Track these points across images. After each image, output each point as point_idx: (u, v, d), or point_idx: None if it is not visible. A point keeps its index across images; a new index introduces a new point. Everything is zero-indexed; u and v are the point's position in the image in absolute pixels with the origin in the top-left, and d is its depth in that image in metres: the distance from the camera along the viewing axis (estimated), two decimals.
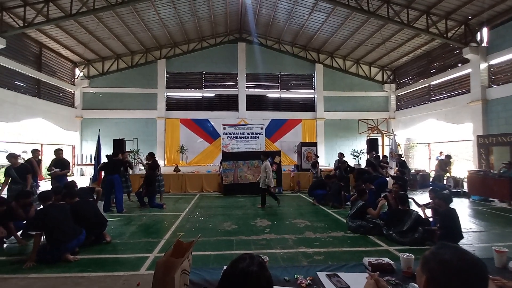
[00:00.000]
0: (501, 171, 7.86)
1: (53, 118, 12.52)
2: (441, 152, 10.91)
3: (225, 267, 1.80)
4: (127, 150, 10.70)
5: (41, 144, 11.49)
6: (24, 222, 4.54)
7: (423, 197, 7.40)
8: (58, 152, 6.68)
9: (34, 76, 11.71)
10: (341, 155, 9.49)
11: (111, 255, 3.84)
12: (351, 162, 12.44)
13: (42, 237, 3.61)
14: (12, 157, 5.38)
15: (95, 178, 8.50)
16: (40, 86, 12.10)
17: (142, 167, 9.04)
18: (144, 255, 3.79)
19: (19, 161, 5.63)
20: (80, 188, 5.33)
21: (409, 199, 4.91)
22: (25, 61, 11.23)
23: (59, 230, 3.56)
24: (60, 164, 6.48)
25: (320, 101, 15.52)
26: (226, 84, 15.63)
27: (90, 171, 13.27)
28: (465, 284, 0.83)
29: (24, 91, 11.12)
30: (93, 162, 10.32)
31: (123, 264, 3.51)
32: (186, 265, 1.48)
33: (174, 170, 10.30)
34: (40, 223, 3.56)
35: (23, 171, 5.41)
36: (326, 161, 14.91)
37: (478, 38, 10.25)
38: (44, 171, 8.59)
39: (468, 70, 10.71)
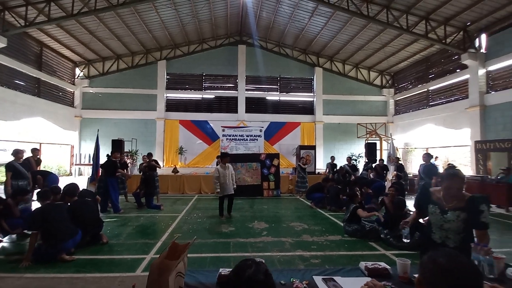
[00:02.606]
0: (498, 177, 7.89)
1: (52, 117, 12.50)
2: (436, 157, 10.93)
3: (221, 269, 1.81)
4: (126, 150, 10.68)
5: (40, 144, 11.46)
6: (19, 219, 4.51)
7: None
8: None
9: (34, 75, 11.71)
10: (333, 158, 9.77)
11: (107, 256, 3.83)
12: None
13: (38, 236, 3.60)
14: (17, 152, 5.38)
15: (93, 178, 8.46)
16: (40, 85, 12.10)
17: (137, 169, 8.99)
18: (140, 257, 3.78)
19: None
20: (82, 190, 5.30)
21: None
22: (26, 60, 11.23)
23: (55, 230, 3.55)
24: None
25: (319, 105, 15.56)
26: (225, 86, 15.66)
27: (88, 171, 13.24)
28: (453, 284, 0.85)
29: (24, 90, 11.11)
30: (91, 162, 10.31)
31: (119, 265, 3.50)
32: (181, 267, 1.48)
33: (172, 171, 10.30)
34: (37, 222, 3.54)
35: (26, 167, 5.41)
36: (324, 164, 14.91)
37: (477, 44, 10.32)
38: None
39: (467, 76, 10.77)
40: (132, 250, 4.07)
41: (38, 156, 6.75)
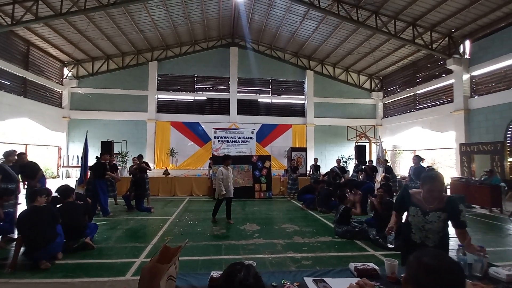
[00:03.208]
0: (482, 179, 8.14)
1: (39, 118, 12.19)
2: (422, 160, 11.21)
3: (212, 272, 1.82)
4: (115, 152, 10.50)
5: (26, 145, 11.15)
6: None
7: None
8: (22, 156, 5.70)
9: (21, 75, 11.42)
10: (316, 160, 10.02)
11: (96, 260, 3.76)
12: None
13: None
14: (9, 155, 5.23)
15: (81, 181, 8.28)
16: (27, 85, 11.80)
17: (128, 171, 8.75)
18: (130, 260, 3.72)
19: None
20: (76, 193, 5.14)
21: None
22: (12, 59, 10.95)
23: (33, 235, 3.41)
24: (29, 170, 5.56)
25: (310, 107, 15.74)
26: (217, 88, 15.66)
27: (76, 173, 12.95)
28: (437, 282, 0.88)
29: (9, 90, 10.81)
30: (79, 164, 10.08)
31: (108, 270, 3.44)
32: (172, 271, 1.48)
33: (163, 173, 10.19)
34: (20, 226, 3.45)
35: (16, 170, 5.28)
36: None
37: (461, 50, 10.70)
38: None
39: (452, 81, 11.13)
40: (121, 254, 4.01)
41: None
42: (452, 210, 2.13)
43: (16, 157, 5.63)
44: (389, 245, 2.69)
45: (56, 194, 4.46)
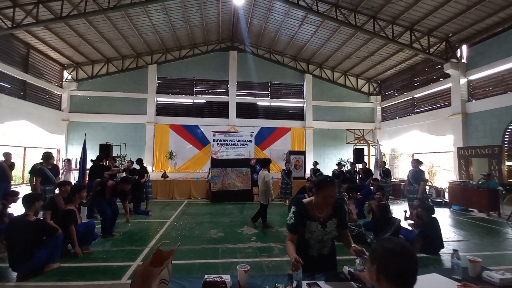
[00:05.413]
0: (479, 182, 8.17)
1: (38, 120, 12.20)
2: (422, 163, 11.23)
3: (206, 276, 1.83)
4: (114, 155, 10.51)
5: (24, 147, 11.16)
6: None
7: (403, 207, 7.59)
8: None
9: (20, 78, 11.45)
10: (315, 164, 9.97)
11: (92, 263, 3.76)
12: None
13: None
14: (49, 158, 5.32)
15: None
16: (26, 88, 11.82)
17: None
18: (126, 264, 3.73)
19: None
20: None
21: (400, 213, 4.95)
22: (11, 62, 10.98)
23: (9, 246, 3.29)
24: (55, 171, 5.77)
25: (309, 110, 15.79)
26: (217, 91, 15.71)
27: (74, 175, 12.91)
28: (401, 260, 1.02)
29: (8, 92, 10.83)
30: (78, 167, 10.08)
31: (105, 273, 3.44)
32: (165, 274, 1.49)
33: (162, 176, 10.19)
34: None
35: (55, 172, 5.39)
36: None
37: (458, 55, 10.76)
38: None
39: (449, 85, 11.19)
40: (118, 257, 4.01)
41: (11, 161, 6.42)
42: (341, 212, 2.07)
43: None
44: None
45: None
